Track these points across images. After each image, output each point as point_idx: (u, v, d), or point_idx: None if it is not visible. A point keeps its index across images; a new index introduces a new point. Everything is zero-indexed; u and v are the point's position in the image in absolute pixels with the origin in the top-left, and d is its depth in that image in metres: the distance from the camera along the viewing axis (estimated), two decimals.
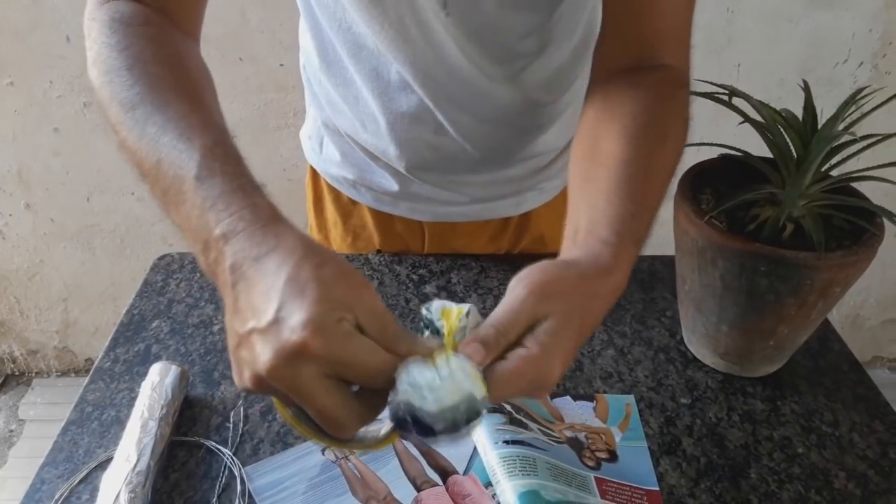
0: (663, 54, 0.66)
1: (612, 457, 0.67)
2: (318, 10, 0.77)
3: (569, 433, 0.68)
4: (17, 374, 2.09)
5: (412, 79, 0.77)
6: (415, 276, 0.89)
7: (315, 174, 0.98)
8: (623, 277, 0.52)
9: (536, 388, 0.46)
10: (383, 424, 0.45)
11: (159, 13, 0.60)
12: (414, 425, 0.41)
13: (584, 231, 0.53)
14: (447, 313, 0.46)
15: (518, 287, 0.46)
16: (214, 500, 0.62)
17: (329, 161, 0.93)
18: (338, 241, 0.98)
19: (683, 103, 0.65)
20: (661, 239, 2.07)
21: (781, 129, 0.67)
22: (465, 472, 0.64)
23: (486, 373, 0.43)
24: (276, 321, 0.40)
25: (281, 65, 1.57)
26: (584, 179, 0.59)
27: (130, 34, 0.57)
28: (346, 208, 0.96)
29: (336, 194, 0.96)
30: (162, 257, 0.92)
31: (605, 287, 0.50)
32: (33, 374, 2.09)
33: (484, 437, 0.64)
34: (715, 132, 1.56)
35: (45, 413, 1.98)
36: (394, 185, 0.89)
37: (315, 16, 0.79)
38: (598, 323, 0.51)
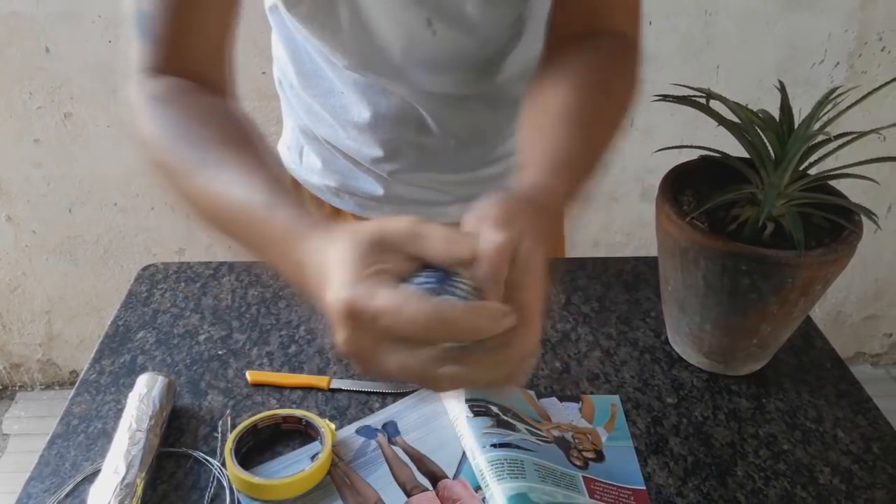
0: (614, 22, 0.69)
1: (599, 457, 0.67)
2: (289, 22, 0.78)
3: (556, 433, 0.69)
4: (0, 388, 2.07)
5: (389, 85, 0.77)
6: None
7: (295, 184, 0.98)
8: (563, 200, 0.54)
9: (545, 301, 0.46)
10: None
11: (192, 80, 0.61)
12: None
13: (525, 167, 0.55)
14: None
15: (485, 227, 0.44)
16: None
17: (310, 170, 0.93)
18: None
19: (632, 64, 0.67)
20: (644, 240, 2.08)
21: (758, 130, 0.68)
22: (455, 477, 0.64)
23: None
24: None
25: (263, 73, 1.56)
26: (529, 129, 0.61)
27: (174, 109, 0.59)
28: (329, 218, 0.96)
29: (318, 203, 0.96)
30: (146, 268, 0.92)
31: (552, 205, 0.52)
32: (17, 388, 2.07)
33: (472, 442, 0.64)
34: (695, 133, 1.59)
35: (29, 427, 1.96)
36: (378, 190, 0.89)
37: (287, 27, 0.79)
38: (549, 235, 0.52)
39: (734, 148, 0.71)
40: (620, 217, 1.84)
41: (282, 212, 0.48)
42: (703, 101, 0.70)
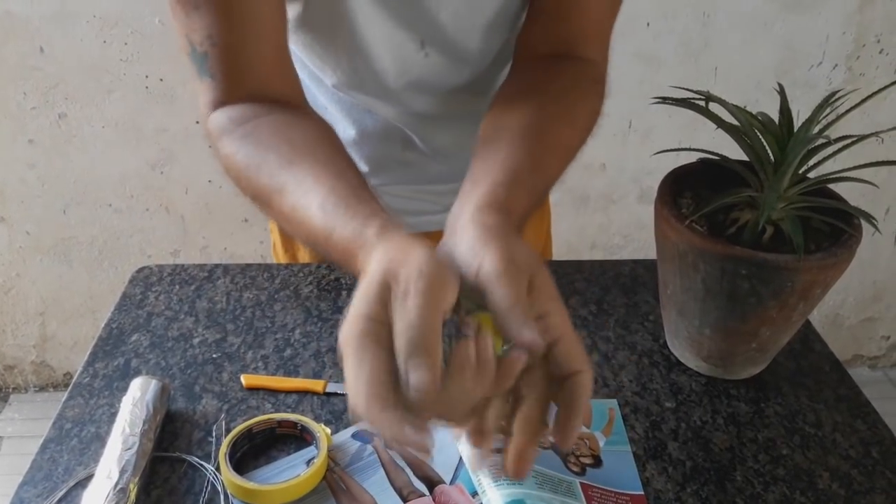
0: (585, 49, 0.69)
1: (597, 462, 0.67)
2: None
3: (553, 438, 0.68)
4: None
5: (375, 105, 0.77)
6: None
7: None
8: (517, 218, 0.55)
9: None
10: None
11: (258, 101, 0.63)
12: None
13: (477, 183, 0.56)
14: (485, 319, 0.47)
15: (495, 272, 0.46)
16: None
17: None
18: (307, 258, 0.98)
19: (596, 96, 0.68)
20: (642, 242, 2.08)
21: (758, 133, 0.67)
22: (452, 482, 0.64)
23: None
24: None
25: None
26: (482, 142, 0.62)
27: (239, 138, 0.61)
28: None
29: None
30: (140, 270, 0.91)
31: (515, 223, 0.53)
32: (10, 390, 2.06)
33: (468, 447, 0.63)
34: (693, 135, 1.59)
35: (23, 429, 1.94)
36: None
37: None
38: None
39: (732, 150, 0.71)
40: (618, 219, 1.84)
41: (334, 236, 0.52)
42: (702, 103, 0.69)
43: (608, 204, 1.81)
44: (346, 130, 0.81)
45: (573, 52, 0.69)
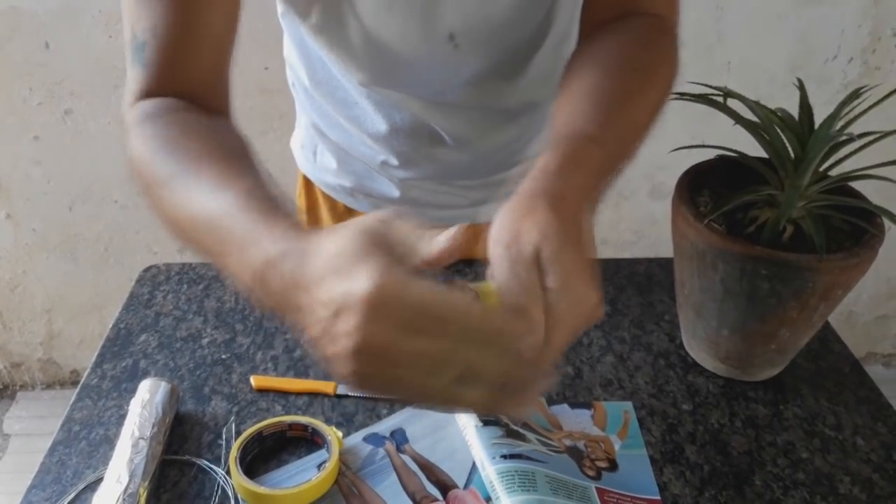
0: (651, 6, 0.68)
1: (612, 465, 0.65)
2: (302, 30, 0.76)
3: (568, 442, 0.67)
4: (0, 387, 2.05)
5: (404, 101, 0.76)
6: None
7: (308, 183, 0.96)
8: (586, 172, 0.52)
9: (586, 311, 0.45)
10: None
11: (185, 100, 0.61)
12: None
13: (547, 150, 0.53)
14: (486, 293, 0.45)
15: (498, 248, 0.46)
16: None
17: (324, 170, 0.91)
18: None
19: (669, 47, 0.66)
20: (654, 239, 2.06)
21: (778, 130, 0.66)
22: (466, 487, 0.63)
23: None
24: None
25: (266, 68, 1.54)
26: (556, 112, 0.60)
27: (159, 125, 0.59)
28: (343, 217, 0.94)
29: (332, 203, 0.94)
30: (147, 269, 0.90)
31: (571, 183, 0.50)
32: (17, 388, 2.05)
33: (481, 452, 0.62)
34: (706, 130, 1.56)
35: (30, 427, 1.94)
36: (394, 192, 0.88)
37: (300, 34, 0.77)
38: (582, 211, 0.50)
39: (747, 146, 0.70)
40: (629, 215, 1.82)
41: (245, 216, 0.47)
42: (720, 99, 0.68)
43: (619, 199, 1.79)
44: (375, 125, 0.80)
45: (640, 9, 0.68)
